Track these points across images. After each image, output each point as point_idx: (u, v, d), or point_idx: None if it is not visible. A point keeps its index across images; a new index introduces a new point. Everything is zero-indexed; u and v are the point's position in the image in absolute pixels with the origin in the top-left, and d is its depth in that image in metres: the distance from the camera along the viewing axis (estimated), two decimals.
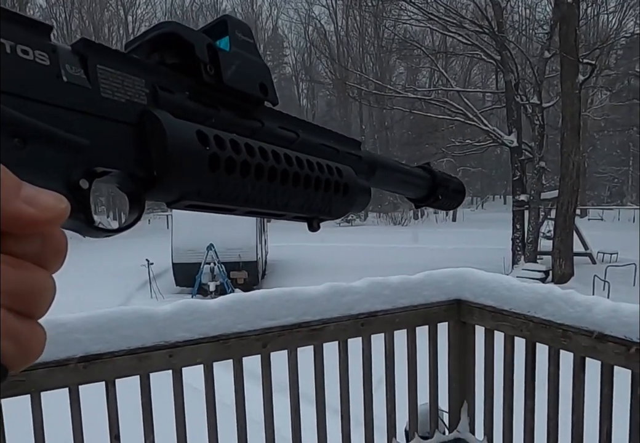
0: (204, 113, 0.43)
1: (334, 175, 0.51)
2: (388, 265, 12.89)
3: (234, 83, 0.45)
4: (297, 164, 0.47)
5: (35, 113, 0.32)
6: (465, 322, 2.68)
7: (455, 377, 2.77)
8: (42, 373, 1.86)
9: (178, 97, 0.42)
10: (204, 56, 0.43)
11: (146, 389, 2.07)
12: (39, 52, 0.33)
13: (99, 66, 0.37)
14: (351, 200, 0.54)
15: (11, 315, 0.25)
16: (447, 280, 2.65)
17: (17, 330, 0.25)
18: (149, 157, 0.38)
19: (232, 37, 0.46)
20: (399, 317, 2.53)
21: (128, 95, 0.38)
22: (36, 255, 0.26)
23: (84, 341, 1.92)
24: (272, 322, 2.23)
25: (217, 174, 0.40)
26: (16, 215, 0.25)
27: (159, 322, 2.05)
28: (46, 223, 0.26)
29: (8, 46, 0.31)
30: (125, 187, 0.40)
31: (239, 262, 13.28)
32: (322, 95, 45.50)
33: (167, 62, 0.44)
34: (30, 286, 0.26)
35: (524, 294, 2.36)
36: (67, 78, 0.34)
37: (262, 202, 0.46)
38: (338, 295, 2.39)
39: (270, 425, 2.32)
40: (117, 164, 0.37)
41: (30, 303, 0.26)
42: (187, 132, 0.39)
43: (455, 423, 2.80)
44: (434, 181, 0.68)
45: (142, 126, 0.38)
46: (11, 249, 0.25)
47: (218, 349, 2.14)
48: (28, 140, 0.31)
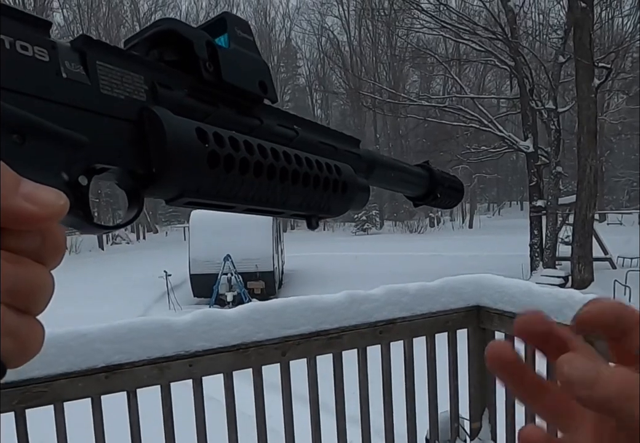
0: (203, 110, 0.44)
1: (333, 173, 0.51)
2: (405, 274, 12.82)
3: (233, 80, 0.45)
4: (296, 161, 0.47)
5: (35, 109, 0.32)
6: (485, 328, 2.67)
7: (476, 384, 2.74)
8: (64, 383, 1.88)
9: (177, 94, 0.42)
10: (203, 53, 0.43)
11: (167, 399, 2.09)
12: (38, 48, 0.33)
13: (99, 63, 0.37)
14: (350, 198, 0.54)
15: (10, 312, 0.25)
16: (465, 287, 2.64)
17: (16, 326, 0.25)
18: (148, 154, 0.38)
19: (231, 34, 0.46)
20: (418, 324, 2.52)
21: (127, 91, 0.38)
22: (35, 252, 0.26)
23: (104, 351, 1.94)
24: (290, 331, 2.23)
25: (216, 171, 0.40)
26: (15, 212, 0.24)
27: (179, 332, 2.07)
28: (45, 220, 0.25)
29: (7, 42, 0.31)
30: (124, 184, 0.40)
31: (255, 272, 13.31)
32: (336, 105, 45.68)
33: (166, 59, 0.43)
34: (29, 282, 0.25)
35: (543, 299, 2.34)
36: (66, 74, 0.34)
37: (261, 200, 0.45)
38: (356, 303, 2.39)
39: (291, 435, 2.32)
40: (116, 161, 0.37)
41: (29, 299, 0.26)
42: (186, 129, 0.39)
43: (476, 431, 2.78)
44: (432, 179, 0.68)
45: (141, 123, 0.38)
46: (10, 245, 0.25)
47: (238, 358, 2.15)
48: (27, 137, 0.31)
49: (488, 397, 2.75)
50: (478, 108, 17.06)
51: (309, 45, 45.92)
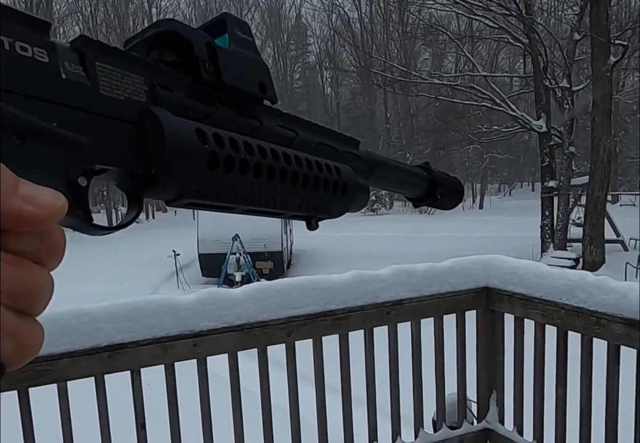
0: (202, 111, 0.44)
1: (333, 174, 0.51)
2: (414, 254, 12.80)
3: (233, 81, 0.45)
4: (296, 162, 0.47)
5: (34, 110, 0.32)
6: (494, 310, 2.62)
7: (484, 366, 2.71)
8: (67, 362, 1.87)
9: (177, 94, 0.42)
10: (202, 54, 0.43)
11: (171, 378, 2.08)
12: (37, 49, 0.33)
13: (98, 63, 0.37)
14: (350, 199, 0.54)
15: (10, 313, 0.25)
16: (474, 267, 2.60)
17: (16, 327, 0.25)
18: (148, 155, 0.38)
19: (231, 35, 0.46)
20: (426, 305, 2.49)
21: (127, 92, 0.38)
22: (34, 253, 0.26)
23: (107, 330, 1.92)
24: (296, 311, 2.20)
25: (216, 172, 0.40)
26: (14, 213, 0.25)
27: (183, 311, 2.05)
28: (44, 221, 0.26)
29: (7, 43, 0.31)
30: (124, 185, 0.40)
31: (264, 252, 13.36)
32: (346, 83, 45.22)
33: (166, 59, 0.44)
34: (28, 284, 0.26)
35: (554, 281, 2.29)
36: (65, 75, 0.34)
37: (260, 201, 0.45)
38: (363, 283, 2.35)
39: (296, 414, 2.31)
40: (116, 162, 0.37)
41: (29, 301, 0.26)
42: (186, 130, 0.39)
43: (484, 413, 2.76)
44: (432, 180, 0.68)
45: (141, 124, 0.38)
46: (9, 247, 0.25)
47: (242, 338, 2.12)
48: (27, 138, 0.31)
49: (496, 379, 2.72)
50: (490, 87, 16.82)
51: (319, 22, 45.49)
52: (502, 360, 2.69)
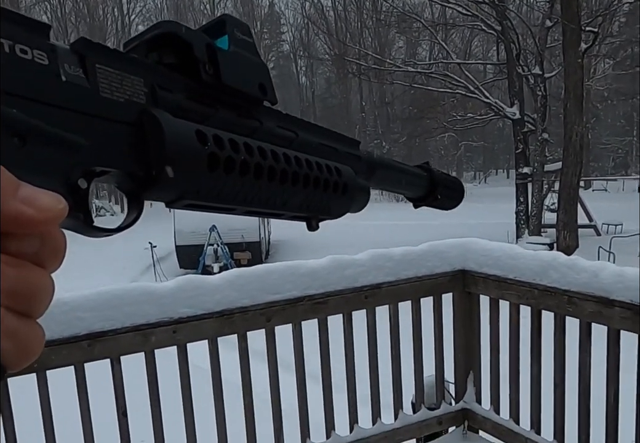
0: (202, 112, 0.44)
1: (333, 175, 0.51)
2: (391, 242, 12.83)
3: (233, 82, 0.45)
4: (296, 163, 0.47)
5: (34, 112, 0.32)
6: (470, 292, 2.67)
7: (461, 347, 2.77)
8: (46, 351, 1.85)
9: (177, 96, 0.42)
10: (202, 55, 0.43)
11: (152, 366, 2.08)
12: (37, 52, 0.33)
13: (98, 65, 0.37)
14: (350, 200, 0.54)
15: (10, 315, 0.25)
16: (450, 251, 2.64)
17: (17, 329, 0.25)
18: (148, 157, 0.38)
19: (231, 36, 0.46)
20: (403, 288, 2.52)
21: (127, 94, 0.38)
22: (35, 255, 0.26)
23: (87, 319, 1.91)
24: (275, 296, 2.22)
25: (216, 174, 0.40)
26: (14, 216, 0.25)
27: (162, 299, 2.05)
28: (44, 224, 0.26)
29: (7, 45, 0.31)
30: (124, 187, 0.40)
31: (242, 243, 13.28)
32: (321, 72, 45.01)
33: (165, 61, 0.44)
34: (29, 285, 0.26)
35: (528, 262, 2.34)
36: (65, 77, 0.34)
37: (261, 202, 0.46)
38: (341, 267, 2.37)
39: (277, 400, 2.33)
40: (116, 164, 0.37)
41: (29, 302, 0.26)
42: (186, 132, 0.39)
43: (461, 393, 2.81)
44: (432, 180, 0.68)
45: (141, 126, 0.38)
46: (10, 249, 0.26)
47: (222, 324, 2.13)
48: (27, 140, 0.31)
49: (473, 360, 2.78)
50: (464, 74, 16.90)
51: (292, 11, 45.12)
52: (479, 341, 2.75)
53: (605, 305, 2.05)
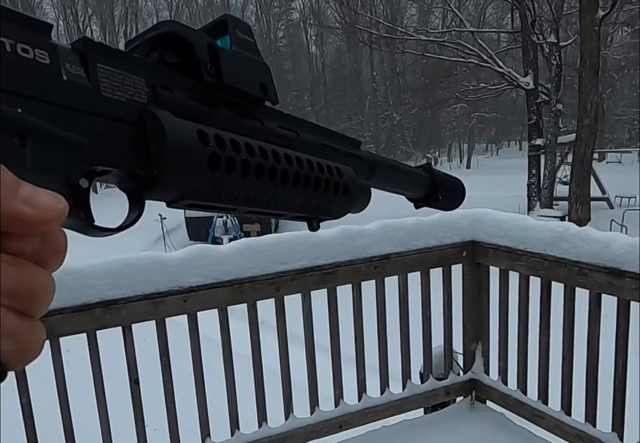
0: (204, 112, 0.44)
1: (334, 175, 0.51)
2: (400, 215, 12.84)
3: (234, 82, 0.45)
4: (297, 163, 0.47)
5: (35, 111, 0.32)
6: (480, 263, 2.67)
7: (470, 318, 2.77)
8: (58, 319, 1.88)
9: (178, 96, 0.42)
10: (204, 55, 0.43)
11: (162, 334, 2.10)
12: (39, 51, 0.33)
13: (99, 65, 0.37)
14: (351, 200, 0.54)
15: (11, 314, 0.25)
16: (461, 221, 2.62)
17: (17, 329, 0.25)
18: (149, 156, 0.38)
19: (233, 36, 0.46)
20: (413, 259, 2.52)
21: (128, 94, 0.38)
22: (36, 254, 0.26)
23: (98, 287, 1.93)
24: (285, 266, 2.22)
25: (217, 174, 0.40)
26: (14, 215, 0.25)
27: (172, 267, 2.06)
28: (44, 223, 0.26)
29: (8, 45, 0.31)
30: (125, 186, 0.40)
31: None
32: (331, 41, 44.28)
33: (167, 61, 0.44)
34: (30, 285, 0.26)
35: (539, 233, 2.32)
36: (67, 77, 0.34)
37: (261, 202, 0.46)
38: (351, 238, 2.37)
39: (286, 369, 2.36)
40: (117, 163, 0.37)
41: (30, 302, 0.26)
42: (187, 131, 0.39)
43: (469, 364, 2.83)
44: (434, 181, 0.68)
45: (143, 125, 0.38)
46: (10, 248, 0.26)
47: (232, 293, 2.15)
48: (27, 139, 0.31)
49: (481, 331, 2.79)
50: (478, 43, 16.55)
51: None
52: (487, 313, 2.75)
53: (616, 276, 2.04)
